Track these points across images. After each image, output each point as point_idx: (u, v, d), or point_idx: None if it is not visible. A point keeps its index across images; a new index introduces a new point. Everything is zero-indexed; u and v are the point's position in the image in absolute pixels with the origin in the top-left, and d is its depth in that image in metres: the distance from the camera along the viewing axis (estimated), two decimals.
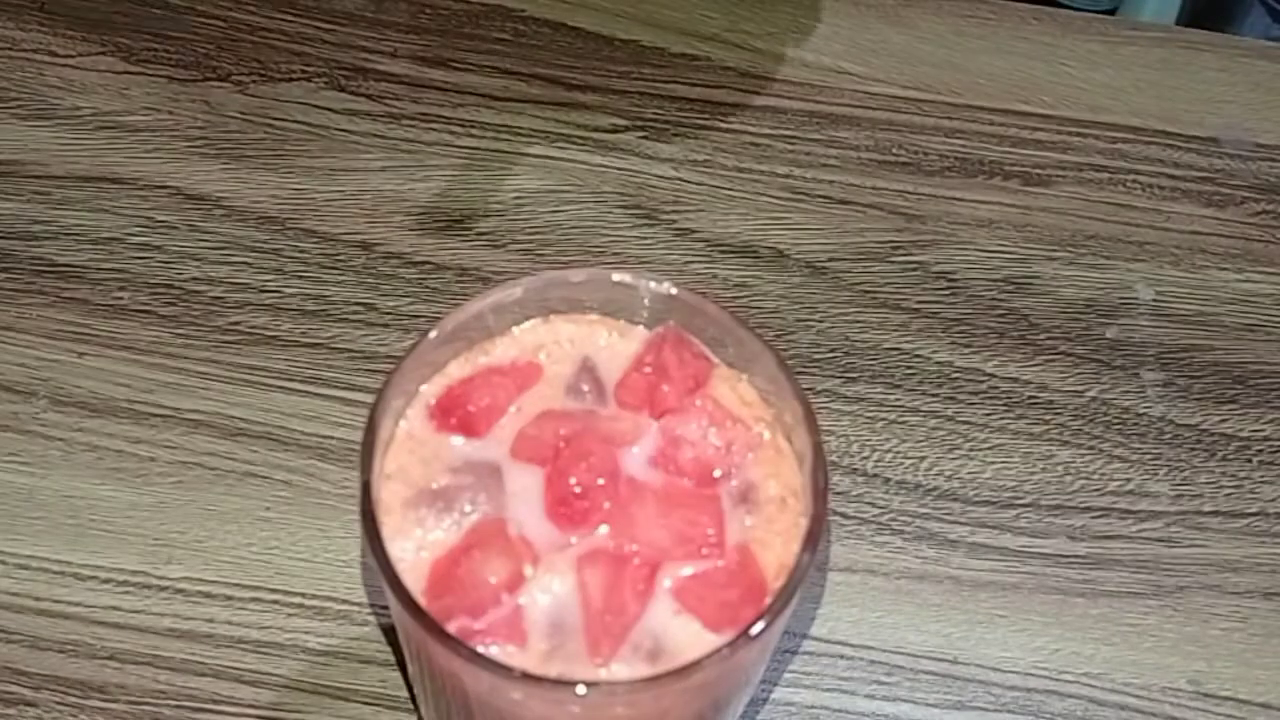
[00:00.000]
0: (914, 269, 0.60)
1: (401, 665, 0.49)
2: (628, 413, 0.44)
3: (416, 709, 0.49)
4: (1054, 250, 0.61)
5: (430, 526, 0.41)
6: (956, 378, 0.57)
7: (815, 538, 0.40)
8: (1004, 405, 0.57)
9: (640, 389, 0.44)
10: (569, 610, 0.40)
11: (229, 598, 0.51)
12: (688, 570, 0.41)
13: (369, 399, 0.42)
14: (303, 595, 0.51)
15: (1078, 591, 0.52)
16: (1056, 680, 0.50)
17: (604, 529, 0.41)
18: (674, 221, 0.61)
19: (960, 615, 0.52)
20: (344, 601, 0.51)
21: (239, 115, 0.63)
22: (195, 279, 0.58)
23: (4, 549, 0.51)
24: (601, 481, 0.41)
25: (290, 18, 0.67)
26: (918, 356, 0.58)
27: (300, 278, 0.58)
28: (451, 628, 0.39)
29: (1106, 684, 0.50)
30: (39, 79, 0.64)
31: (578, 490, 0.41)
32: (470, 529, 0.41)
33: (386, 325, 0.57)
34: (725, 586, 0.40)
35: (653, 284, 0.45)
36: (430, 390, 0.44)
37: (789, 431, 0.43)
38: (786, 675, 0.50)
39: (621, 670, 0.39)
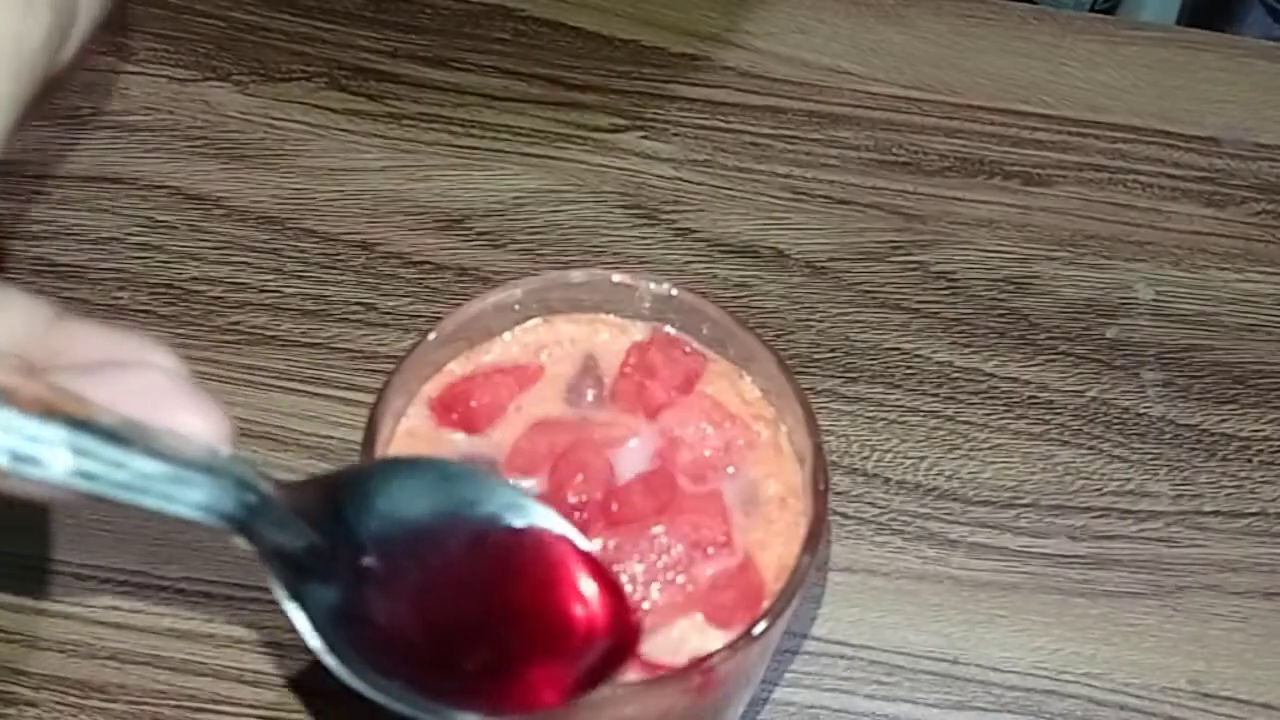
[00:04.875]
0: (914, 269, 0.60)
1: None
2: (624, 415, 0.44)
3: None
4: (1054, 250, 0.61)
5: None
6: (956, 378, 0.57)
7: (815, 538, 0.40)
8: (1004, 405, 0.56)
9: (629, 391, 0.44)
10: None
11: (229, 598, 0.51)
12: (696, 572, 0.41)
13: (369, 399, 0.42)
14: None
15: (1078, 591, 0.52)
16: (1056, 680, 0.50)
17: (605, 537, 0.41)
18: (674, 221, 0.61)
19: (960, 615, 0.52)
20: None
21: (239, 115, 0.63)
22: (195, 279, 0.58)
23: (4, 549, 0.51)
24: (599, 495, 0.41)
25: (290, 18, 0.67)
26: (918, 356, 0.58)
27: (300, 278, 0.58)
28: None
29: (1106, 684, 0.50)
30: None
31: (574, 502, 0.41)
32: None
33: (386, 325, 0.57)
34: (725, 587, 0.40)
35: (652, 284, 0.45)
36: (431, 389, 0.44)
37: (789, 431, 0.43)
38: (786, 675, 0.50)
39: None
